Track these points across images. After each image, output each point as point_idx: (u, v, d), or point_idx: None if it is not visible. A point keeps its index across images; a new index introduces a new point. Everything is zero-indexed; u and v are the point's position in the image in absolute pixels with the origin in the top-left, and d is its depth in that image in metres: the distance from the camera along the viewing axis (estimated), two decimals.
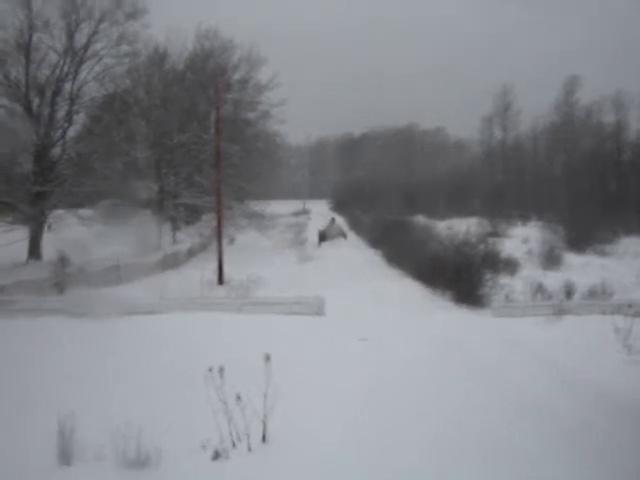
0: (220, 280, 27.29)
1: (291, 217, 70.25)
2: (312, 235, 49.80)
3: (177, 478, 7.59)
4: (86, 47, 33.15)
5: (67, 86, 33.21)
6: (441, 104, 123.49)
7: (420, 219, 51.58)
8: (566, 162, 79.10)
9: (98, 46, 33.50)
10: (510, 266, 29.84)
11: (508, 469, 8.04)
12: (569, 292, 23.82)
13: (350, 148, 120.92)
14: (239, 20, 63.49)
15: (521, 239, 44.91)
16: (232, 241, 41.66)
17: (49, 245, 30.97)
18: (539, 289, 24.11)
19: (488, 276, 24.26)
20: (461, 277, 23.92)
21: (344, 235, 51.35)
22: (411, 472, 7.84)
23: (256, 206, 43.26)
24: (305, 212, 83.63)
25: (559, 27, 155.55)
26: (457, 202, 72.63)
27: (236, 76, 44.58)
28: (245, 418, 8.13)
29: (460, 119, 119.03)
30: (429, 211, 64.84)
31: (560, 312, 19.83)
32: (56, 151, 33.58)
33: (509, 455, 8.40)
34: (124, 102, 37.07)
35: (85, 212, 33.52)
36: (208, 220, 41.16)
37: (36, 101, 32.55)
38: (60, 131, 33.52)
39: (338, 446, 8.54)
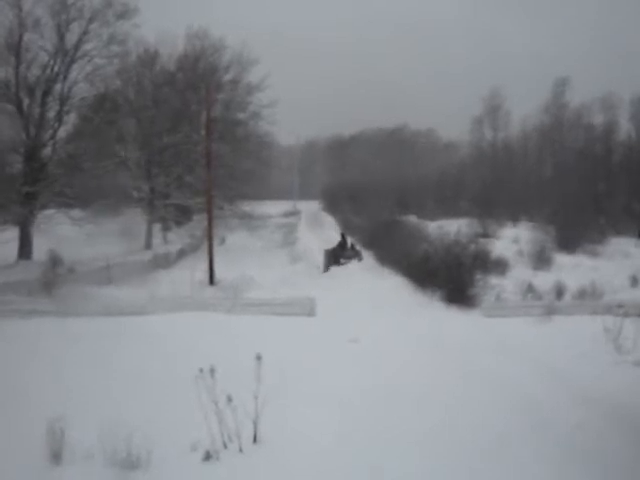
0: (211, 280, 27.18)
1: (282, 217, 70.11)
2: (303, 235, 49.70)
3: (168, 479, 7.57)
4: (76, 47, 33.02)
5: (57, 86, 33.09)
6: (432, 105, 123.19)
7: (411, 219, 51.53)
8: (556, 163, 79.21)
9: (89, 46, 33.41)
10: (500, 266, 29.89)
11: (502, 468, 8.06)
12: (559, 292, 23.92)
13: (340, 149, 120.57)
14: (230, 21, 63.31)
15: (511, 239, 44.94)
16: (223, 241, 41.52)
17: (39, 245, 30.85)
18: (530, 289, 24.20)
19: (479, 276, 24.30)
20: (452, 277, 23.94)
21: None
22: (404, 473, 7.85)
23: (247, 207, 43.07)
24: (296, 213, 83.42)
25: (550, 29, 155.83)
26: (448, 203, 72.59)
27: (227, 76, 44.39)
28: (236, 419, 8.12)
29: (451, 120, 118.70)
30: (420, 212, 64.72)
31: (550, 312, 19.92)
32: (46, 151, 33.44)
33: (502, 454, 8.43)
34: (114, 102, 36.98)
35: (75, 212, 33.36)
36: (199, 221, 40.95)
37: (26, 101, 32.36)
38: (50, 131, 33.36)
39: (329, 447, 8.53)
